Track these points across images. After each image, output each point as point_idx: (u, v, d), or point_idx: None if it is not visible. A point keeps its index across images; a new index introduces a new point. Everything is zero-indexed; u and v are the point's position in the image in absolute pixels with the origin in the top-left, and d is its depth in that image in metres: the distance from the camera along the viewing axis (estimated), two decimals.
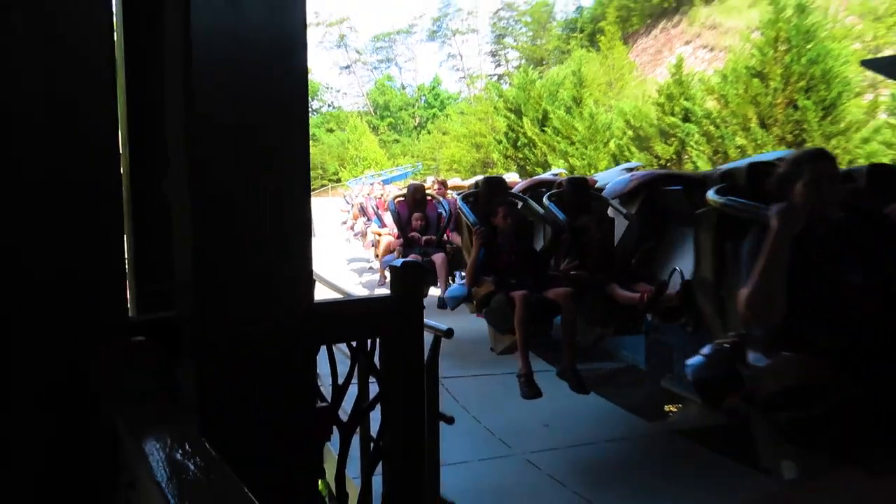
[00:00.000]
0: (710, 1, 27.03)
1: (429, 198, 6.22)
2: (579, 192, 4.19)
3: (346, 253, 11.60)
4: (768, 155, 5.91)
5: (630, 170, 5.73)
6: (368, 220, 7.76)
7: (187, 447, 0.91)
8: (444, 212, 5.95)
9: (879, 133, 11.59)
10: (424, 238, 5.87)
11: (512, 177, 8.06)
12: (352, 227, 12.30)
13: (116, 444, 1.14)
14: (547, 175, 7.52)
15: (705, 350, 2.14)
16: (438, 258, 5.60)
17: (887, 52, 15.10)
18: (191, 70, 1.20)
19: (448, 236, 5.85)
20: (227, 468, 0.85)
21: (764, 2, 16.53)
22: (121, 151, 1.37)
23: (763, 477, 2.90)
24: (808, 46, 12.67)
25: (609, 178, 4.77)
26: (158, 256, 1.43)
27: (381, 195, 10.00)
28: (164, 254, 1.39)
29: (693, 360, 2.14)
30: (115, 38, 1.31)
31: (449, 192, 6.67)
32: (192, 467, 0.85)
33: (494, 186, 4.26)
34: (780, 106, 13.04)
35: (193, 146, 1.24)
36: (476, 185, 4.46)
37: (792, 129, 12.90)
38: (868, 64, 7.32)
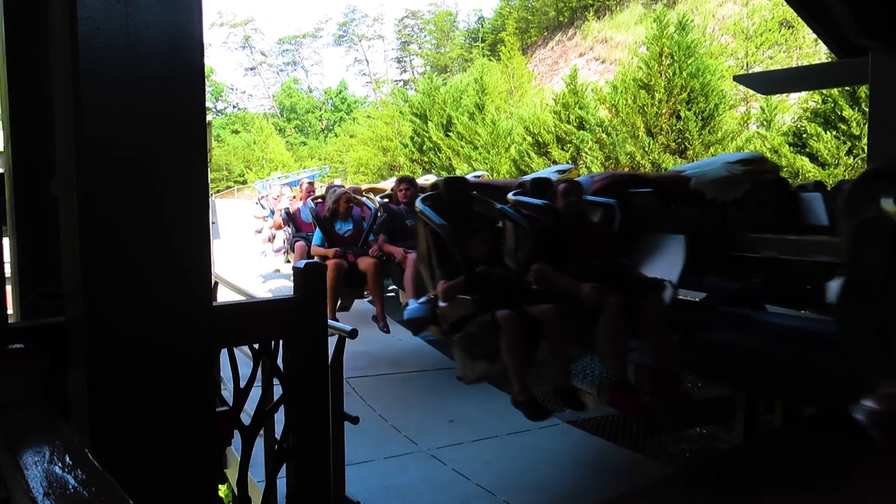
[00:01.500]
0: (602, 16, 28.59)
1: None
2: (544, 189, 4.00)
3: (257, 264, 10.71)
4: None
5: (561, 171, 5.84)
6: (298, 230, 6.69)
7: (68, 459, 0.87)
8: (368, 214, 5.39)
9: (751, 142, 12.72)
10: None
11: (428, 178, 8.02)
12: (270, 239, 10.48)
13: None
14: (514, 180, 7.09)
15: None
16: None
17: (757, 69, 16.63)
18: (79, 68, 1.16)
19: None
20: (111, 480, 0.81)
21: (649, 19, 17.72)
22: (2, 150, 1.30)
23: None
24: (689, 61, 13.71)
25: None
26: (47, 259, 1.36)
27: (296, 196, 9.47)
28: (53, 257, 1.33)
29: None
30: None
31: (369, 195, 6.26)
32: (72, 481, 0.81)
33: (456, 187, 3.82)
34: (665, 116, 14.01)
35: (82, 146, 1.20)
36: (435, 186, 4.01)
37: (675, 138, 13.90)
38: (740, 79, 8.02)
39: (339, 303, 4.80)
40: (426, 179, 7.37)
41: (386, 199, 5.71)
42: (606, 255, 3.20)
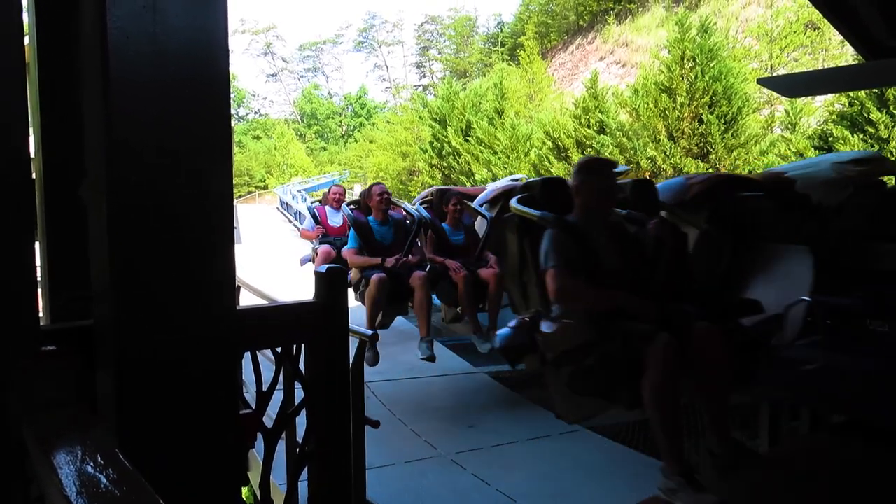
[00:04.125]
0: (623, 20, 28.43)
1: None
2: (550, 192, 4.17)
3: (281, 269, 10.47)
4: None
5: (515, 180, 5.98)
6: (325, 235, 5.69)
7: (100, 459, 0.88)
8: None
9: (775, 146, 12.55)
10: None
11: (518, 178, 7.72)
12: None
13: (24, 456, 1.10)
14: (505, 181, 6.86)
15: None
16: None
17: (781, 72, 16.40)
18: (108, 74, 1.18)
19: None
20: (141, 480, 0.82)
21: (671, 22, 17.58)
22: (34, 155, 1.33)
23: None
24: (712, 65, 13.58)
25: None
26: (76, 263, 1.39)
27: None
28: (82, 261, 1.35)
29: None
30: (28, 40, 1.27)
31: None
32: (104, 480, 0.82)
33: (555, 188, 3.10)
34: (687, 119, 13.88)
35: (111, 150, 1.22)
36: (528, 186, 3.46)
37: (697, 142, 13.76)
38: (764, 82, 7.87)
39: (378, 319, 4.22)
40: (514, 179, 6.73)
41: (353, 206, 5.13)
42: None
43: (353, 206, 5.15)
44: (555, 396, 2.51)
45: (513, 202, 2.75)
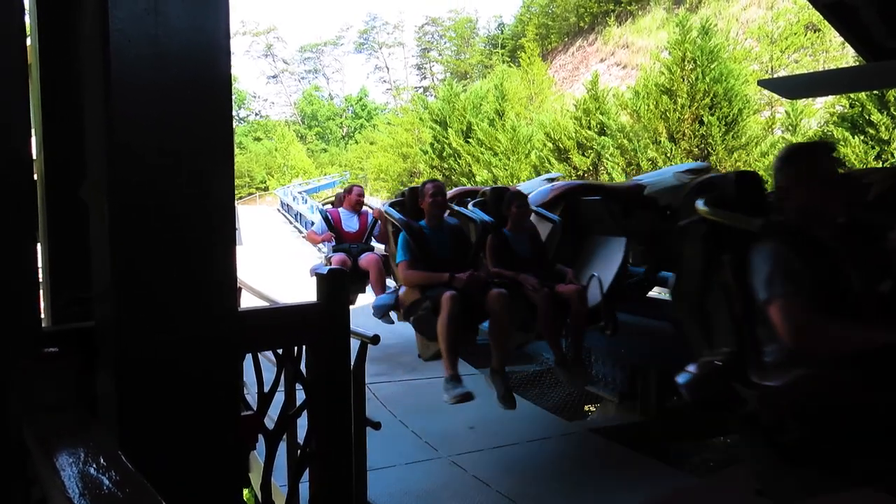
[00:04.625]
0: (623, 21, 28.44)
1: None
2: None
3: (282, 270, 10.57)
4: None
5: (551, 180, 5.85)
6: (340, 240, 5.32)
7: (102, 460, 0.88)
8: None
9: (776, 148, 12.54)
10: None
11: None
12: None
13: (26, 457, 1.10)
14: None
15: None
16: (496, 299, 3.23)
17: (782, 73, 16.40)
18: (110, 76, 1.18)
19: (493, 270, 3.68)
20: (143, 481, 0.82)
21: (671, 23, 17.60)
22: (35, 157, 1.33)
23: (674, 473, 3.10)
24: (712, 66, 13.59)
25: (531, 187, 4.94)
26: (78, 264, 1.39)
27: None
28: (83, 262, 1.35)
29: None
30: (30, 42, 1.28)
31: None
32: (107, 482, 0.82)
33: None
34: (688, 121, 13.89)
35: (113, 152, 1.22)
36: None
37: (698, 143, 13.76)
38: (765, 83, 7.85)
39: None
40: (549, 178, 6.07)
41: (328, 205, 5.01)
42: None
43: (396, 207, 4.06)
44: (759, 469, 1.95)
45: (700, 204, 2.03)
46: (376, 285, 5.01)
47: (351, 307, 1.99)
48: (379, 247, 5.73)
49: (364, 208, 5.49)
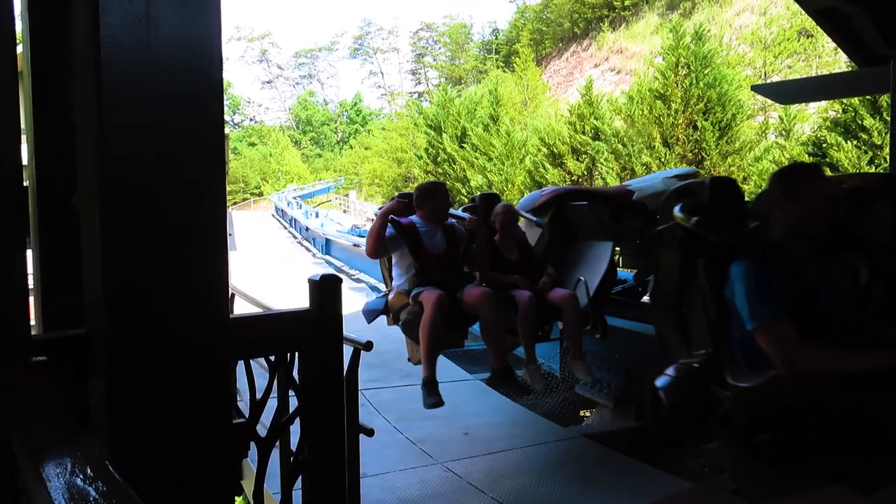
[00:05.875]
0: (617, 27, 28.61)
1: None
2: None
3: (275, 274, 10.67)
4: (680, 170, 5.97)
5: (679, 176, 5.26)
6: (423, 268, 3.27)
7: (89, 471, 0.87)
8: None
9: (769, 153, 12.61)
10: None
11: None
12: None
13: (14, 468, 1.09)
14: None
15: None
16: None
17: (775, 78, 16.52)
18: (101, 82, 1.18)
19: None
20: (131, 492, 0.81)
21: (665, 29, 17.70)
22: (26, 163, 1.32)
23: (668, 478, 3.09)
24: (706, 71, 13.67)
25: (650, 179, 4.95)
26: (69, 271, 1.38)
27: None
28: (75, 269, 1.34)
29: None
30: (21, 48, 1.27)
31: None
32: (93, 493, 0.80)
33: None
34: (682, 126, 13.96)
35: (104, 158, 1.21)
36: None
37: (692, 148, 13.83)
38: (758, 89, 7.90)
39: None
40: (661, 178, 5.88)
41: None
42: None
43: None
44: (733, 466, 2.00)
45: (676, 210, 2.08)
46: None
47: (344, 314, 1.98)
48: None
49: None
